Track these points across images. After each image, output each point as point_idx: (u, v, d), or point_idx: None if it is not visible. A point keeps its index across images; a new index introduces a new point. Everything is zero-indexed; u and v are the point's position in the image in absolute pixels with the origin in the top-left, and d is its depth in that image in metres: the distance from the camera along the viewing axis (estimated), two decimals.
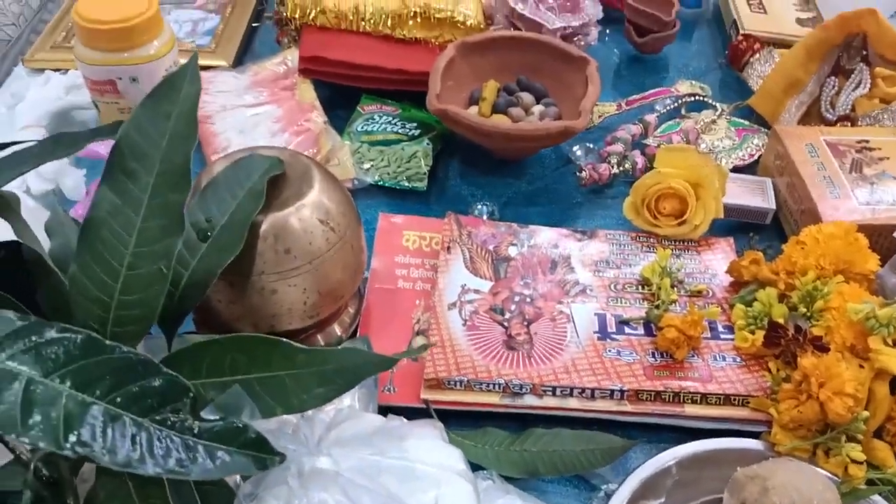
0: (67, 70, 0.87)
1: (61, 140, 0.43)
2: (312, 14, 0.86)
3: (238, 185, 0.52)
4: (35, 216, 0.53)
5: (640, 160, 0.78)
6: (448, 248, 0.66)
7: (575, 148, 0.82)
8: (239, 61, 0.92)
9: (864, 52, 0.81)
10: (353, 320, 0.62)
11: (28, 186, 0.72)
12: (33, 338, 0.36)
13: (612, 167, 0.78)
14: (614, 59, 1.00)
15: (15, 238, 0.47)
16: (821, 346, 0.54)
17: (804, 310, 0.58)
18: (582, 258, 0.66)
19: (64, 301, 0.45)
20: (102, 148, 0.66)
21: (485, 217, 0.74)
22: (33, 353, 0.36)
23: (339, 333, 0.61)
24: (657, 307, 0.61)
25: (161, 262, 0.42)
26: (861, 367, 0.54)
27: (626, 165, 0.78)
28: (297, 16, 0.86)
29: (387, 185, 0.76)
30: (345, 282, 0.57)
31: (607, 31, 0.99)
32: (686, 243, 0.68)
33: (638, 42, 0.94)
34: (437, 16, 0.86)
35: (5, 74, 0.99)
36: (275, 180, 0.54)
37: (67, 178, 0.72)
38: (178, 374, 0.37)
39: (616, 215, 0.76)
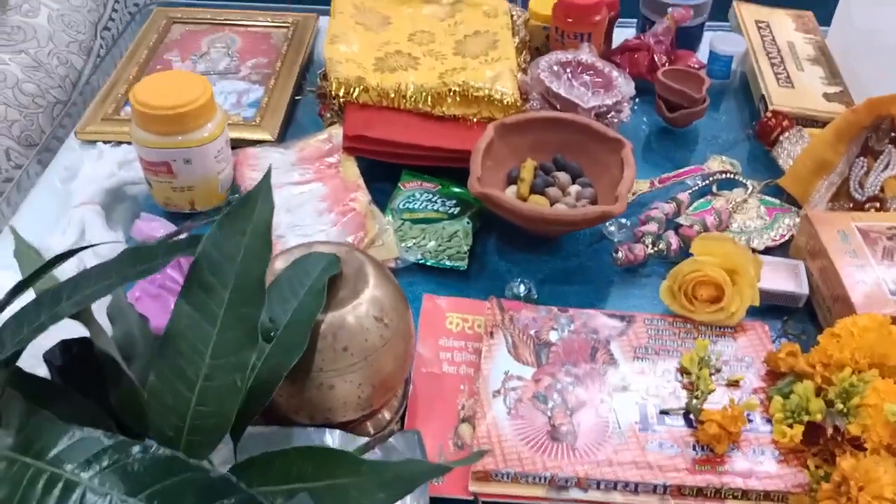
0: (120, 143, 0.90)
1: (139, 255, 0.46)
2: (356, 93, 0.89)
3: (299, 285, 0.55)
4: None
5: (674, 241, 0.80)
6: (491, 333, 0.68)
7: (609, 224, 0.84)
8: (283, 134, 0.95)
9: (893, 134, 0.84)
10: (401, 404, 0.64)
11: (85, 265, 0.75)
12: (119, 457, 0.38)
13: (647, 247, 0.80)
14: (644, 129, 1.02)
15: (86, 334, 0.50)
16: (858, 446, 0.56)
17: (841, 406, 0.60)
18: (621, 344, 0.68)
19: (136, 401, 0.47)
20: (158, 232, 0.69)
21: (522, 294, 0.76)
22: (120, 472, 0.38)
23: (388, 418, 0.63)
24: (696, 398, 0.63)
25: (236, 375, 0.44)
26: None
27: (661, 246, 0.80)
28: (340, 93, 0.89)
29: (429, 263, 0.79)
30: (396, 373, 0.59)
31: (637, 100, 1.02)
32: (722, 329, 0.70)
33: (669, 117, 0.97)
34: (475, 94, 0.89)
35: (55, 139, 1.03)
36: (332, 277, 0.56)
37: None
38: (249, 481, 0.39)
39: (651, 295, 0.78)
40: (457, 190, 0.86)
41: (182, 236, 0.60)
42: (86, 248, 0.53)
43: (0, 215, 0.89)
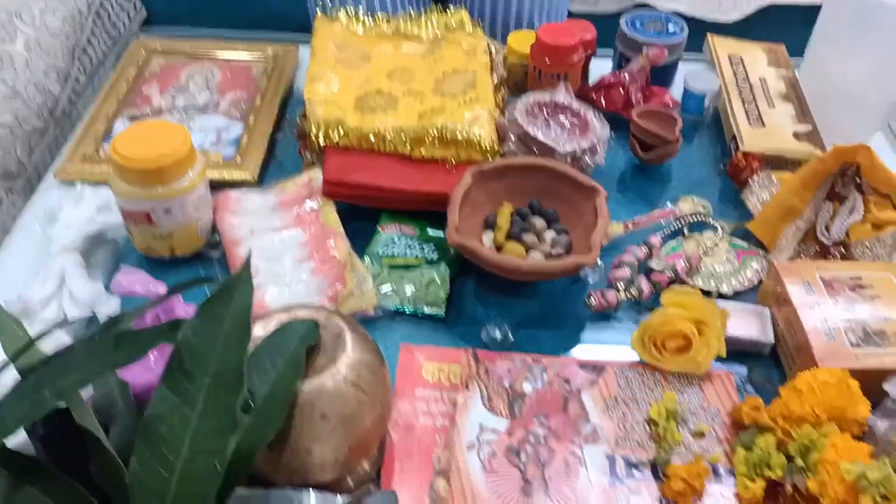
0: (97, 183, 0.91)
1: (122, 342, 0.47)
2: (336, 136, 0.90)
3: (278, 354, 0.56)
4: None
5: (645, 287, 0.82)
6: (466, 385, 0.70)
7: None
8: (263, 173, 0.96)
9: (858, 181, 0.86)
10: (379, 457, 0.66)
11: (65, 314, 0.76)
12: None
13: (620, 292, 0.82)
14: (620, 165, 1.04)
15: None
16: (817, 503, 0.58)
17: (800, 461, 0.62)
18: (592, 395, 0.70)
19: (117, 473, 0.49)
20: (138, 286, 0.70)
21: (498, 339, 0.78)
22: None
23: (366, 469, 0.65)
24: (664, 449, 0.65)
25: (215, 460, 0.46)
26: None
27: (633, 291, 0.82)
28: (320, 136, 0.90)
29: (406, 311, 0.80)
30: (373, 434, 0.61)
31: (613, 134, 1.04)
32: (690, 378, 0.73)
33: (643, 157, 0.99)
34: (452, 136, 0.91)
35: (35, 173, 1.04)
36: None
37: (103, 306, 0.76)
38: None
39: (623, 338, 0.80)
40: (434, 234, 0.88)
41: (163, 306, 0.61)
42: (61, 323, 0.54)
43: None
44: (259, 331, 0.59)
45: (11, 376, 0.54)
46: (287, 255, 0.81)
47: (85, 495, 0.48)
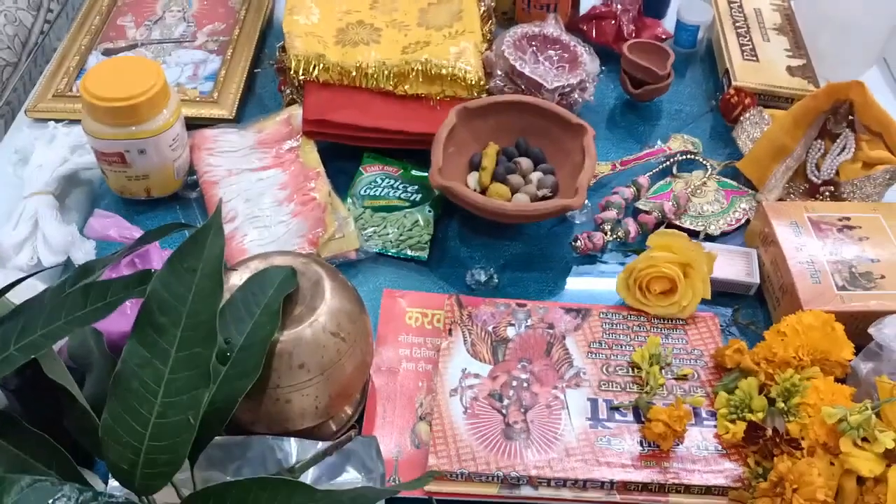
0: (70, 121, 0.88)
1: (91, 294, 0.46)
2: (316, 71, 0.87)
3: (255, 304, 0.55)
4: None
5: (632, 228, 0.81)
6: (450, 330, 0.70)
7: None
8: (241, 110, 0.93)
9: (851, 118, 0.84)
10: (361, 401, 0.66)
11: (38, 259, 0.74)
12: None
13: (606, 234, 0.81)
14: (609, 101, 1.02)
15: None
16: (797, 446, 0.59)
17: (782, 404, 0.62)
18: (576, 339, 0.70)
19: (90, 426, 0.48)
20: (112, 231, 0.68)
21: (483, 280, 0.78)
22: None
23: (349, 414, 0.65)
24: (646, 392, 0.66)
25: (189, 413, 0.45)
26: (832, 463, 0.58)
27: (620, 233, 0.81)
28: (300, 71, 0.87)
29: (390, 253, 0.79)
30: (354, 382, 0.60)
31: (603, 68, 1.01)
32: (674, 322, 0.72)
33: (633, 93, 0.96)
34: (437, 71, 0.88)
35: (6, 105, 1.00)
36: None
37: (77, 250, 0.74)
38: None
39: (608, 281, 0.79)
40: (419, 174, 0.86)
41: (139, 253, 0.60)
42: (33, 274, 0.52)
43: None
44: (235, 279, 0.58)
45: None
46: (266, 197, 0.79)
47: (58, 449, 0.47)
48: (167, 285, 0.46)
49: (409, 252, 0.79)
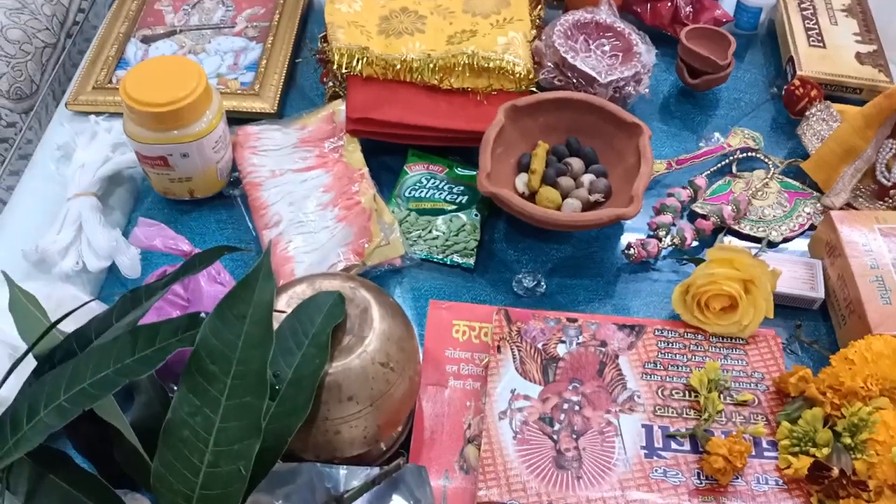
0: (111, 115, 0.87)
1: (138, 337, 0.45)
2: (359, 65, 0.84)
3: (302, 333, 0.54)
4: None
5: (689, 234, 0.78)
6: (498, 347, 0.68)
7: None
8: (283, 101, 0.91)
9: None
10: (409, 419, 0.65)
11: (83, 264, 0.74)
12: None
13: (661, 241, 0.77)
14: (663, 89, 0.97)
15: None
16: (864, 488, 0.56)
17: (849, 440, 0.59)
18: (630, 359, 0.68)
19: (140, 463, 0.47)
20: (157, 241, 0.67)
21: (530, 286, 0.75)
22: None
23: (399, 430, 0.63)
24: (705, 419, 0.63)
25: (240, 463, 0.44)
26: None
27: (675, 240, 0.78)
28: (342, 65, 0.84)
29: (435, 260, 0.77)
30: (402, 410, 0.59)
31: (657, 52, 0.96)
32: (733, 341, 0.69)
33: (691, 83, 0.91)
34: (484, 64, 0.84)
35: (50, 94, 0.99)
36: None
37: (123, 255, 0.74)
38: None
39: (662, 291, 0.76)
40: (464, 173, 0.83)
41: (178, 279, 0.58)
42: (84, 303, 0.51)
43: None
44: (282, 304, 0.57)
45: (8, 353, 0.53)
46: (310, 200, 0.77)
47: (108, 488, 0.47)
48: (216, 332, 0.45)
49: (455, 259, 0.77)
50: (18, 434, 0.42)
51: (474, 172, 0.83)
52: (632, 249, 0.76)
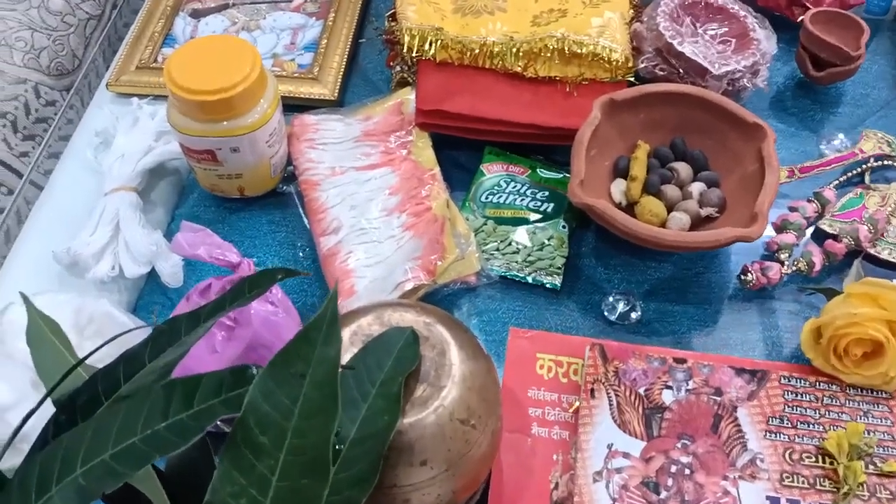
0: (155, 97, 0.78)
1: (173, 393, 0.36)
2: (432, 49, 0.73)
3: (369, 381, 0.44)
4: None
5: (817, 259, 0.66)
6: (592, 391, 0.57)
7: None
8: (344, 86, 0.81)
9: None
10: (486, 480, 0.55)
11: (120, 268, 0.65)
12: None
13: (783, 265, 0.66)
14: (778, 80, 0.84)
15: None
16: None
17: None
18: (750, 412, 0.57)
19: None
20: (202, 250, 0.58)
21: (623, 311, 0.65)
22: None
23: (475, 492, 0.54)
24: (844, 494, 0.52)
25: None
26: None
27: (801, 265, 0.66)
28: (413, 47, 0.74)
29: (517, 278, 0.67)
30: (482, 471, 0.49)
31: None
32: (876, 394, 0.58)
33: (815, 77, 0.79)
34: (577, 49, 0.73)
35: (93, 70, 0.91)
36: None
37: (164, 261, 0.65)
38: None
39: (783, 325, 0.65)
40: (548, 175, 0.72)
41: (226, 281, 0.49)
42: (111, 339, 0.42)
43: (35, 188, 0.80)
44: (343, 339, 0.47)
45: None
46: (374, 204, 0.67)
47: None
48: (268, 395, 0.35)
49: (540, 278, 0.66)
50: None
51: (560, 175, 0.72)
52: (750, 275, 0.65)
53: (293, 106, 0.77)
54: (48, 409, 0.41)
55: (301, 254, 0.70)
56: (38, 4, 0.91)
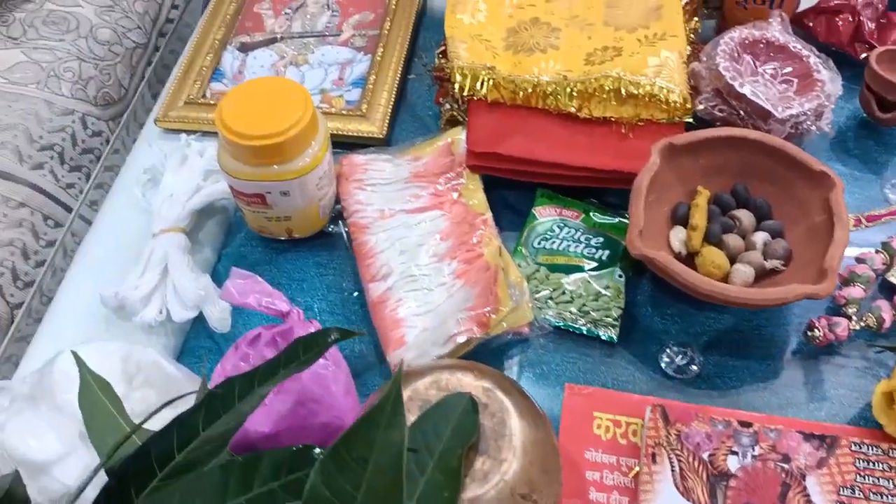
0: (204, 133, 0.78)
1: (230, 474, 0.35)
2: (484, 89, 0.72)
3: (427, 452, 0.42)
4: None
5: (887, 314, 0.63)
6: (653, 455, 0.55)
7: None
8: (392, 124, 0.80)
9: None
10: None
11: (167, 312, 0.65)
12: None
13: (851, 321, 0.63)
14: (838, 121, 0.81)
15: None
16: None
17: None
18: (820, 481, 0.54)
19: None
20: (251, 298, 0.57)
21: (681, 365, 0.62)
22: None
23: None
24: None
25: None
26: None
27: (869, 320, 0.63)
28: (465, 87, 0.72)
29: (571, 329, 0.65)
30: None
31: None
32: None
33: (881, 118, 0.76)
34: (633, 90, 0.71)
35: (141, 103, 0.92)
36: None
37: (212, 306, 0.64)
38: None
39: (851, 385, 0.62)
40: (603, 220, 0.70)
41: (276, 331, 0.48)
42: (168, 403, 0.41)
43: (83, 221, 0.80)
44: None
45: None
46: (424, 249, 0.66)
47: None
48: (330, 479, 0.34)
49: (594, 331, 0.64)
50: None
51: (615, 220, 0.70)
52: (817, 331, 0.62)
53: (340, 143, 0.76)
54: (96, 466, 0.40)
55: (349, 296, 0.68)
56: (86, 34, 0.92)
